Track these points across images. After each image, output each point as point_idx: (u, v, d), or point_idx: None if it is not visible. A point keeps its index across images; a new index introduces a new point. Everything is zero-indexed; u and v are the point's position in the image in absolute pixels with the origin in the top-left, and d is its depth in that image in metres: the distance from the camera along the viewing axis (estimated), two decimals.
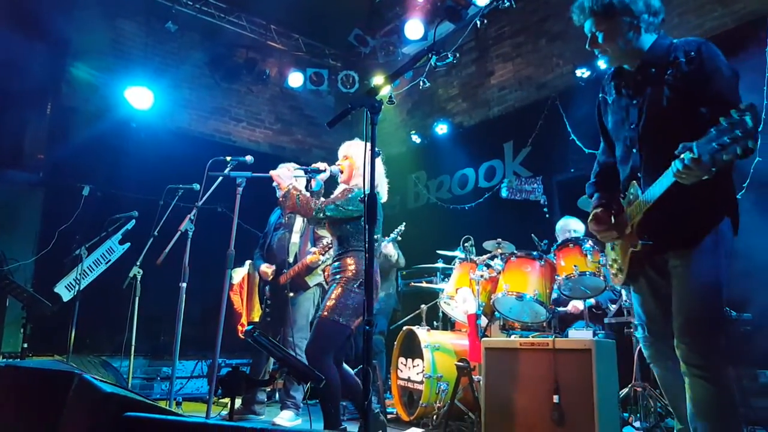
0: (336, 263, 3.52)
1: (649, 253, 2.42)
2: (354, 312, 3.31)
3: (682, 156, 2.00)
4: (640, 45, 2.41)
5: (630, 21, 2.35)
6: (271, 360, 4.88)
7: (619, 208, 2.57)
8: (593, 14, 2.40)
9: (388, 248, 5.72)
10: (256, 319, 4.99)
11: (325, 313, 3.32)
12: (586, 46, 2.55)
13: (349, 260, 3.43)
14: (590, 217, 2.66)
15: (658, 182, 2.23)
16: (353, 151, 3.69)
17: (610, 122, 2.65)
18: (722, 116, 1.90)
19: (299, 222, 4.87)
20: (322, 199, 3.55)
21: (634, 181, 2.44)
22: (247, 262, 5.19)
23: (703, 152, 1.92)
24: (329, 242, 4.41)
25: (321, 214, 3.43)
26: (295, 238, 4.83)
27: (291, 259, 4.77)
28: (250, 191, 3.94)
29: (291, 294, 4.68)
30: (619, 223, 2.54)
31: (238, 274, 5.11)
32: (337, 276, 3.45)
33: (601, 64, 2.68)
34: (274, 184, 4.19)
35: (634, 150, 2.46)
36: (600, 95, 2.72)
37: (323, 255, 4.44)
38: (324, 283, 4.79)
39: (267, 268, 4.80)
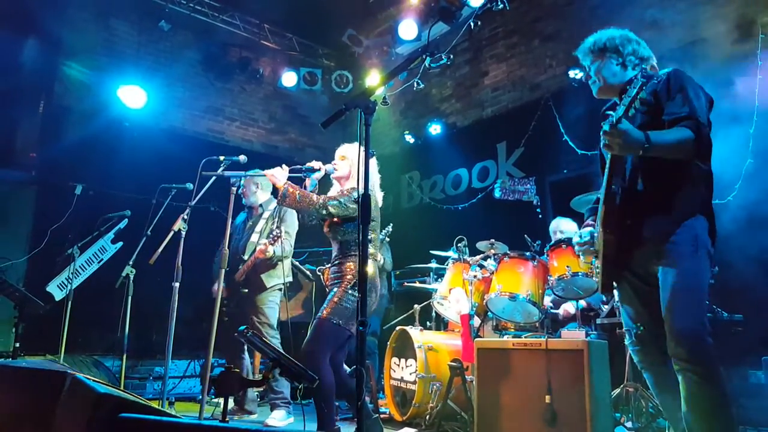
0: (336, 267, 3.52)
1: (621, 249, 2.57)
2: (353, 315, 3.31)
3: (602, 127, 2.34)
4: (624, 79, 2.73)
5: (617, 57, 2.75)
6: (248, 359, 4.88)
7: None
8: (591, 53, 2.82)
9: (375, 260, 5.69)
10: None
11: (325, 314, 3.33)
12: (583, 79, 2.94)
13: (350, 265, 3.43)
14: (575, 234, 2.89)
15: (606, 168, 2.55)
16: (352, 153, 3.68)
17: (604, 150, 2.86)
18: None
19: (261, 223, 4.88)
20: (323, 195, 3.55)
21: None
22: None
23: (617, 116, 2.26)
24: (277, 233, 4.41)
25: (324, 210, 3.44)
26: (254, 237, 4.84)
27: (246, 257, 4.78)
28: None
29: (245, 290, 4.69)
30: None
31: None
32: (338, 280, 3.46)
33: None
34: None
35: None
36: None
37: (272, 245, 4.44)
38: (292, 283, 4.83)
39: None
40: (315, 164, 3.62)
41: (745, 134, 4.72)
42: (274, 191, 4.98)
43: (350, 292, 3.36)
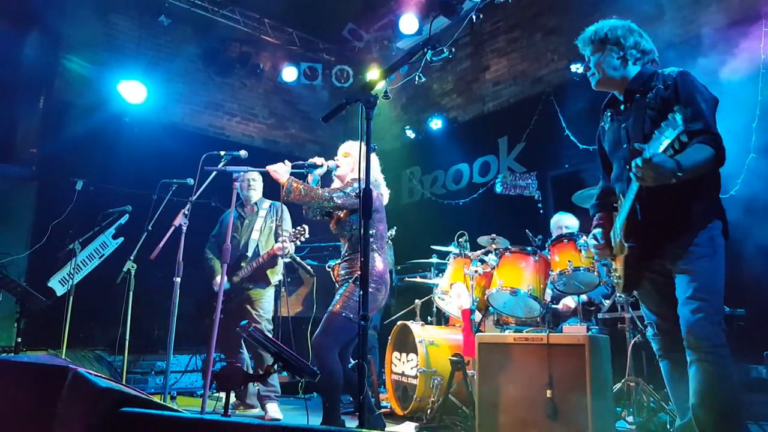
0: (347, 263, 3.53)
1: (643, 258, 2.59)
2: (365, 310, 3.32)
3: (634, 160, 2.26)
4: (626, 73, 2.72)
5: (618, 51, 2.71)
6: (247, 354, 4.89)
7: (611, 224, 2.79)
8: (591, 43, 2.78)
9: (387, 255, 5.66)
10: None
11: (337, 308, 3.33)
12: (582, 69, 2.93)
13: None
14: (590, 236, 2.89)
15: (629, 189, 2.48)
16: (355, 150, 3.67)
17: (607, 146, 2.87)
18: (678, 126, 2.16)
19: (259, 221, 4.90)
20: (327, 188, 3.55)
21: (622, 195, 2.67)
22: None
23: (652, 152, 2.19)
24: (299, 230, 4.41)
25: (330, 202, 3.44)
26: (255, 235, 4.86)
27: (249, 254, 4.81)
28: None
29: (250, 287, 4.73)
30: (610, 239, 2.77)
31: None
32: (348, 276, 3.46)
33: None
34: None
35: (627, 167, 2.64)
36: (600, 124, 2.94)
37: (293, 241, 4.46)
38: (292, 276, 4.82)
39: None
40: (317, 160, 3.62)
41: (747, 128, 4.70)
42: (264, 190, 5.04)
43: None
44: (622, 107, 2.76)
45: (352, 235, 3.53)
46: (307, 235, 4.48)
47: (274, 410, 4.59)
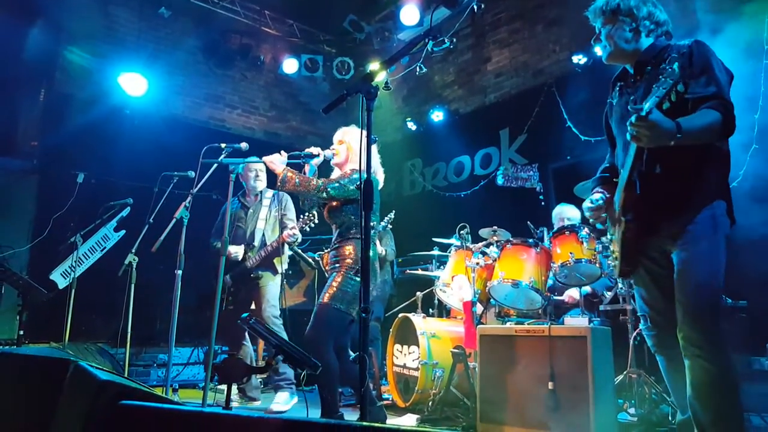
0: (335, 252, 3.50)
1: (640, 236, 2.47)
2: (354, 299, 3.30)
3: (629, 118, 2.14)
4: (638, 46, 2.58)
5: (631, 23, 2.56)
6: (251, 346, 4.90)
7: (613, 194, 2.65)
8: (602, 14, 2.62)
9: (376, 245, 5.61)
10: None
11: (325, 300, 3.31)
12: (592, 41, 2.74)
13: (349, 248, 3.41)
14: (587, 200, 2.71)
15: (627, 155, 2.37)
16: (349, 137, 3.66)
17: (614, 123, 2.74)
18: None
19: (264, 210, 4.90)
20: (323, 178, 3.53)
21: (622, 167, 2.55)
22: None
23: (648, 108, 2.06)
24: (309, 216, 4.41)
25: (323, 194, 3.43)
26: (261, 224, 4.87)
27: (256, 243, 4.84)
28: None
29: (260, 275, 4.76)
30: (609, 205, 2.64)
31: None
32: (337, 264, 3.44)
33: (597, 50, 2.75)
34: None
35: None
36: (608, 100, 2.82)
37: (303, 227, 4.47)
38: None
39: (235, 248, 4.82)
40: (314, 150, 3.60)
41: (750, 119, 4.68)
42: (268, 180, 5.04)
43: (350, 276, 3.34)
44: (632, 81, 2.63)
45: (343, 222, 3.50)
46: (316, 221, 4.46)
47: (278, 400, 4.57)
